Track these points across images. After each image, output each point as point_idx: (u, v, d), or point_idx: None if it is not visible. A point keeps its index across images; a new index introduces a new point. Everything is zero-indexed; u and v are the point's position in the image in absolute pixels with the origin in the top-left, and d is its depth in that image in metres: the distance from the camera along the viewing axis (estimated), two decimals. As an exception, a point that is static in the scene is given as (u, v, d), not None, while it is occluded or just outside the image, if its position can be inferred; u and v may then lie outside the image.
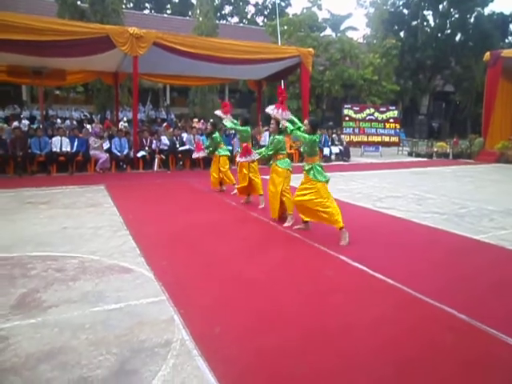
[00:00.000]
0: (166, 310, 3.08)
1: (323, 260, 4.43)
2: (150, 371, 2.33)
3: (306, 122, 5.24)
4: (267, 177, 6.11)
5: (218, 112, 7.76)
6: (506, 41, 32.53)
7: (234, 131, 13.12)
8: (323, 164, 5.46)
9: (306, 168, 5.11)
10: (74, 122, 19.50)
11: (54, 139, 10.90)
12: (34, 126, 15.48)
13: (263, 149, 6.19)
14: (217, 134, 8.21)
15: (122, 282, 3.60)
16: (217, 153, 8.16)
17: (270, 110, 5.60)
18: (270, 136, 6.12)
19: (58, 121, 20.34)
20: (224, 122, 7.58)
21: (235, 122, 7.58)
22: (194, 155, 9.30)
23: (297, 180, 5.76)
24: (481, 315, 3.08)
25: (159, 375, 2.29)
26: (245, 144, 6.80)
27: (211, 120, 8.90)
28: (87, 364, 2.39)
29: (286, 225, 5.65)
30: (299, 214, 5.34)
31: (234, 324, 2.93)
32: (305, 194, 5.09)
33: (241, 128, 7.18)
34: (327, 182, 5.05)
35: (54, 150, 10.73)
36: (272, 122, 5.58)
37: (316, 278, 3.93)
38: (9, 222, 5.54)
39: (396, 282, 3.72)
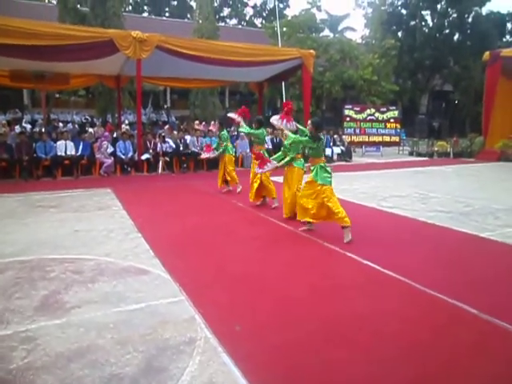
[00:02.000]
0: (186, 310, 3.16)
1: (332, 257, 4.54)
2: (178, 368, 2.40)
3: (309, 122, 5.41)
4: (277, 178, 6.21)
5: (232, 115, 7.47)
6: (504, 40, 32.73)
7: (236, 133, 13.29)
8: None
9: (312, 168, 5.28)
10: (76, 126, 19.60)
11: (58, 143, 10.98)
12: (37, 130, 15.58)
13: (282, 156, 6.14)
14: (225, 132, 8.37)
15: (140, 283, 3.68)
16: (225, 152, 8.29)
17: (275, 120, 5.81)
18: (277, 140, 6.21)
19: (60, 124, 20.46)
20: (240, 128, 7.40)
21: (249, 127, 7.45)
22: (204, 155, 9.13)
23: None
24: (494, 310, 3.16)
25: (187, 371, 2.37)
26: (258, 152, 6.75)
27: (216, 121, 8.86)
28: (116, 362, 2.46)
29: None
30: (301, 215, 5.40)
31: (254, 321, 3.02)
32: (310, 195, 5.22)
33: (257, 132, 7.15)
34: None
35: (59, 153, 10.80)
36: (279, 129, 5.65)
37: (326, 274, 4.03)
38: (22, 226, 5.61)
39: (407, 278, 3.81)
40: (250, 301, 3.38)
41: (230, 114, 7.52)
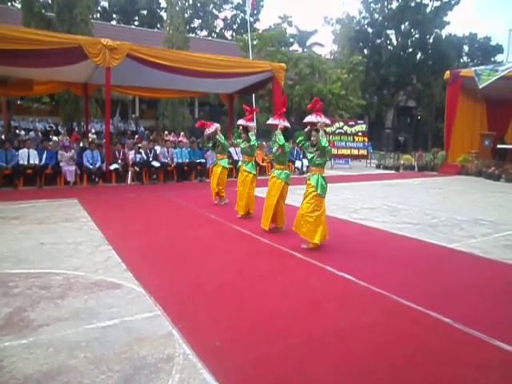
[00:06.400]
0: (162, 325, 3.05)
1: (308, 270, 4.51)
2: (157, 387, 2.30)
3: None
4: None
5: (242, 121, 6.99)
6: (461, 60, 34.68)
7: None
8: (296, 176, 5.75)
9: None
10: (39, 134, 18.88)
11: (20, 151, 10.52)
12: (-3, 138, 14.86)
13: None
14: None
15: (112, 297, 3.53)
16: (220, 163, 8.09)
17: (278, 122, 5.91)
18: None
19: (22, 132, 19.64)
20: (251, 135, 6.96)
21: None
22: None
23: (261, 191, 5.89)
24: (466, 319, 3.25)
25: (167, 391, 2.27)
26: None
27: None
28: (90, 383, 2.33)
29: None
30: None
31: (233, 336, 2.95)
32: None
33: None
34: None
35: (21, 162, 10.35)
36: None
37: (304, 287, 4.00)
38: (-19, 238, 5.29)
39: (382, 289, 3.86)
40: (228, 315, 3.31)
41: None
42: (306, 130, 5.39)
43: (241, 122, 7.04)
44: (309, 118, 5.18)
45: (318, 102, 5.28)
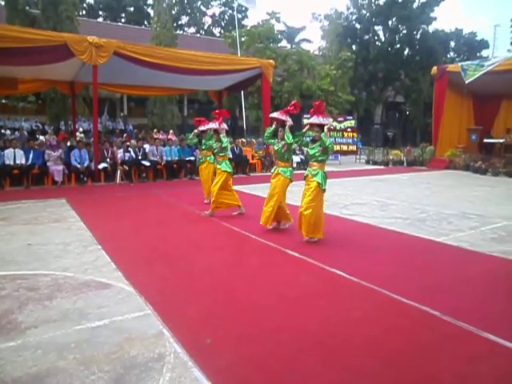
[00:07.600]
0: (153, 324, 3.03)
1: (299, 266, 4.52)
2: (147, 387, 2.29)
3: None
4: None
5: (212, 125, 7.24)
6: (448, 56, 35.01)
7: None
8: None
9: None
10: (25, 133, 18.58)
11: (6, 151, 10.36)
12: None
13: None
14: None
15: (102, 297, 3.50)
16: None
17: (286, 118, 5.76)
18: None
19: (7, 132, 19.34)
20: (222, 137, 6.98)
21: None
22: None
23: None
24: (454, 312, 3.29)
25: (158, 390, 2.26)
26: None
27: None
28: (80, 384, 2.31)
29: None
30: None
31: (224, 333, 2.94)
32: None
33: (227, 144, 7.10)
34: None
35: (7, 162, 10.19)
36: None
37: (295, 283, 4.01)
38: (-33, 240, 5.20)
39: (372, 284, 3.89)
40: (219, 312, 3.30)
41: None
42: (304, 130, 5.56)
43: (212, 125, 7.28)
44: (316, 120, 5.22)
45: (321, 105, 5.35)
